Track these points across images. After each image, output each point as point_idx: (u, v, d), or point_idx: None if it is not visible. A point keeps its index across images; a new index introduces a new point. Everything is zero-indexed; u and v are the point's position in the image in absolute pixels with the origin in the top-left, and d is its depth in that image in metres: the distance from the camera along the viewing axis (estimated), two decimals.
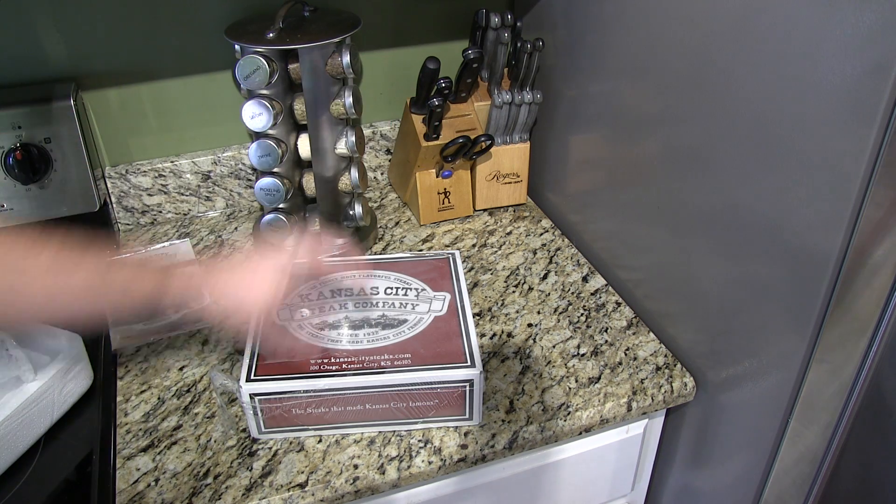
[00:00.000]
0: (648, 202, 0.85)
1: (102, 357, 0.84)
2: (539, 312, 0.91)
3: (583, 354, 0.85)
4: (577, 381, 0.81)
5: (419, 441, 0.74)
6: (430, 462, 0.72)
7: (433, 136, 1.00)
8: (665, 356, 0.84)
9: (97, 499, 0.68)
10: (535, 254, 1.02)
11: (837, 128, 0.56)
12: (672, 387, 0.80)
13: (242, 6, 0.99)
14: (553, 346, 0.86)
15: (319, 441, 0.74)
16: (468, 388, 0.72)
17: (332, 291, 0.82)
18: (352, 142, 0.94)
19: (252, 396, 0.70)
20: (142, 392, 0.80)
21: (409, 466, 0.71)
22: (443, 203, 1.08)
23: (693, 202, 0.76)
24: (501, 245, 1.05)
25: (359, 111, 0.91)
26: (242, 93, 0.96)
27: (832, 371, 0.65)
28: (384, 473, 0.71)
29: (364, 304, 0.80)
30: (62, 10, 0.93)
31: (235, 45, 0.87)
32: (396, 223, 1.10)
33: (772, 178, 0.64)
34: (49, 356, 0.77)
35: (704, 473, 0.85)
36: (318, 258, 0.73)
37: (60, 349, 0.77)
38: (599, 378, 0.81)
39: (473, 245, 1.05)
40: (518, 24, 1.02)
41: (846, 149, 0.56)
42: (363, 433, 0.74)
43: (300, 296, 0.81)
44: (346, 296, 0.81)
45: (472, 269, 0.99)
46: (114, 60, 0.99)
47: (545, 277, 0.98)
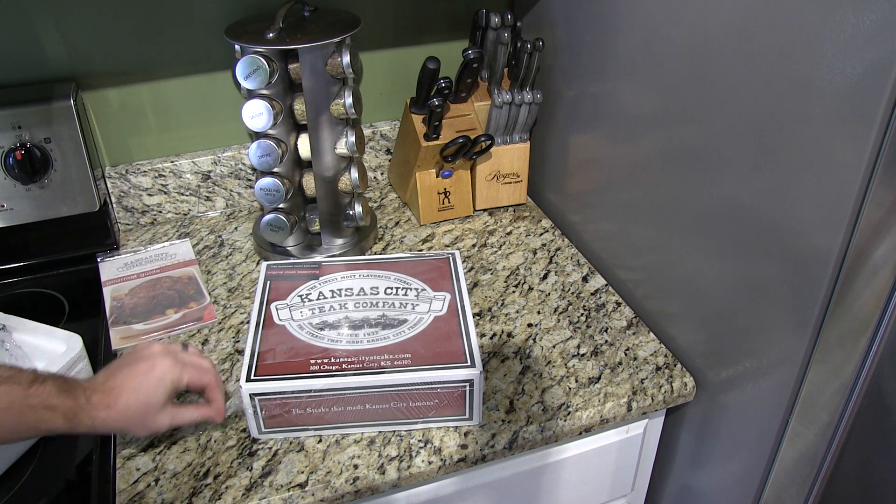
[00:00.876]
0: (648, 202, 0.85)
1: (102, 357, 0.84)
2: (539, 312, 0.91)
3: (583, 354, 0.85)
4: (577, 381, 0.81)
5: (419, 441, 0.74)
6: (430, 462, 0.72)
7: (433, 136, 1.00)
8: (665, 356, 0.84)
9: (97, 499, 0.68)
10: (535, 254, 1.02)
11: (837, 128, 0.56)
12: (672, 387, 0.80)
13: (242, 6, 0.99)
14: (553, 346, 0.86)
15: (319, 441, 0.74)
16: (468, 388, 0.72)
17: (332, 291, 0.82)
18: (352, 142, 0.94)
19: (252, 396, 0.70)
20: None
21: (409, 466, 0.71)
22: (443, 203, 1.08)
23: (693, 202, 0.76)
24: (501, 245, 1.05)
25: (359, 111, 0.91)
26: (242, 93, 0.96)
27: (832, 371, 0.65)
28: (384, 473, 0.71)
29: (364, 304, 0.80)
30: (62, 10, 0.93)
31: (235, 45, 0.87)
32: (396, 223, 1.10)
33: (772, 178, 0.64)
34: (49, 356, 0.77)
35: (704, 473, 0.85)
36: None
37: (60, 349, 0.77)
38: (599, 378, 0.81)
39: (473, 245, 1.05)
40: (518, 24, 1.02)
41: (846, 149, 0.56)
42: (363, 433, 0.74)
43: (300, 296, 0.81)
44: (346, 296, 0.81)
45: (472, 269, 0.99)
46: (114, 60, 0.99)
47: (545, 277, 0.98)
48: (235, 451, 0.73)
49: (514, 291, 0.95)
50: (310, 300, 0.80)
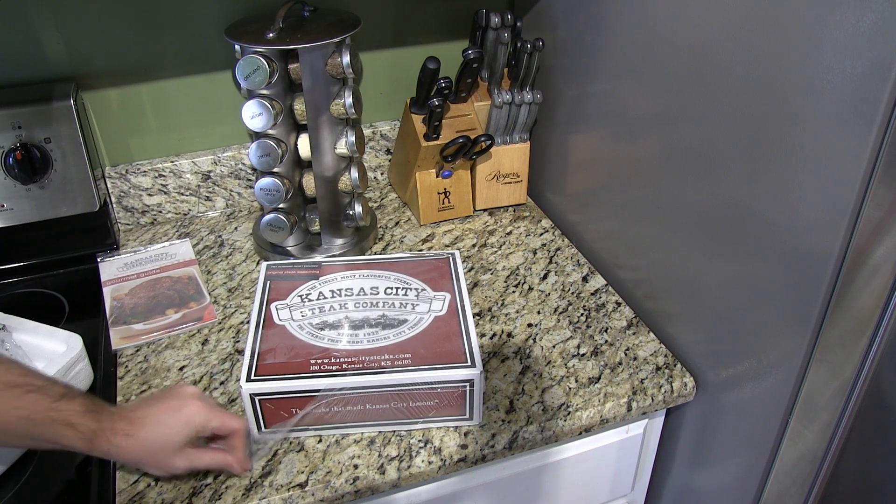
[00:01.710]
0: (648, 202, 0.85)
1: (102, 357, 0.84)
2: (539, 312, 0.91)
3: (583, 354, 0.85)
4: (577, 381, 0.81)
5: (419, 441, 0.74)
6: (430, 462, 0.72)
7: (433, 136, 1.00)
8: (665, 356, 0.84)
9: (97, 499, 0.68)
10: (535, 254, 1.02)
11: (837, 127, 0.56)
12: (672, 387, 0.80)
13: (242, 6, 0.99)
14: (553, 346, 0.86)
15: (319, 441, 0.74)
16: (468, 388, 0.72)
17: (332, 291, 0.82)
18: (352, 142, 0.94)
19: (252, 396, 0.70)
20: (142, 392, 0.80)
21: (409, 466, 0.71)
22: (443, 203, 1.08)
23: (693, 202, 0.76)
24: (501, 245, 1.05)
25: (359, 111, 0.91)
26: (242, 93, 0.96)
27: (832, 371, 0.65)
28: (384, 473, 0.71)
29: (364, 304, 0.80)
30: (62, 10, 0.93)
31: (235, 45, 0.87)
32: (396, 223, 1.10)
33: (772, 178, 0.64)
34: (49, 356, 0.77)
35: (704, 473, 0.85)
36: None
37: (60, 349, 0.77)
38: (599, 378, 0.81)
39: (473, 245, 1.05)
40: (518, 24, 1.02)
41: (846, 149, 0.56)
42: (363, 433, 0.74)
43: (300, 296, 0.81)
44: (346, 296, 0.81)
45: (472, 269, 0.99)
46: (114, 60, 0.99)
47: (545, 277, 0.98)
48: None
49: (514, 291, 0.95)
50: (310, 300, 0.80)
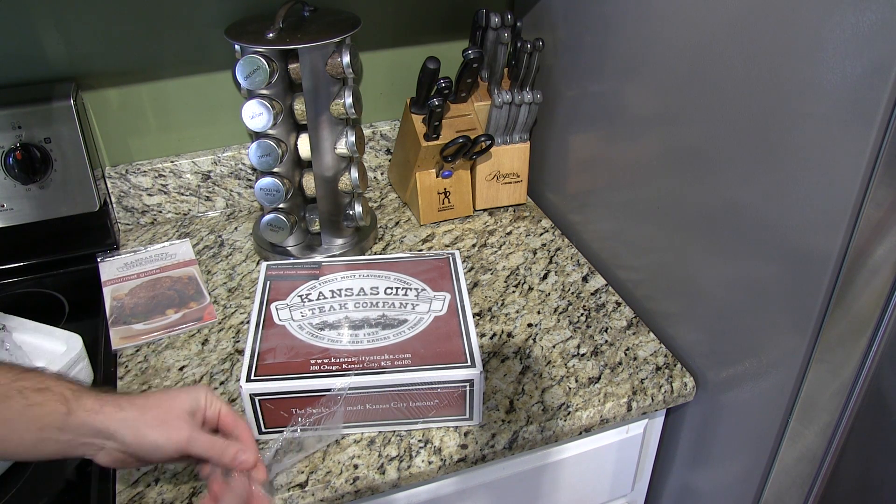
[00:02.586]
0: (648, 202, 0.85)
1: (102, 357, 0.84)
2: (539, 312, 0.91)
3: (583, 354, 0.85)
4: (577, 381, 0.81)
5: (419, 441, 0.74)
6: (430, 462, 0.72)
7: (433, 136, 1.00)
8: (665, 356, 0.84)
9: (97, 499, 0.68)
10: (535, 254, 1.02)
11: (837, 128, 0.56)
12: (672, 387, 0.80)
13: (242, 6, 0.99)
14: (553, 346, 0.86)
15: (319, 441, 0.73)
16: (468, 388, 0.72)
17: (332, 291, 0.82)
18: (352, 142, 0.94)
19: (252, 396, 0.70)
20: (142, 392, 0.80)
21: (409, 466, 0.71)
22: (443, 203, 1.08)
23: (693, 202, 0.76)
24: (501, 245, 1.05)
25: (359, 111, 0.91)
26: (242, 93, 0.96)
27: (832, 371, 0.65)
28: (384, 473, 0.71)
29: (364, 304, 0.80)
30: (62, 10, 0.93)
31: (235, 45, 0.87)
32: (396, 223, 1.10)
33: (772, 178, 0.64)
34: (49, 356, 0.77)
35: (704, 473, 0.85)
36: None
37: (60, 349, 0.77)
38: (599, 378, 0.81)
39: (473, 245, 1.05)
40: (518, 24, 1.02)
41: (846, 149, 0.56)
42: (363, 433, 0.74)
43: (300, 296, 0.81)
44: (346, 296, 0.81)
45: (472, 269, 0.99)
46: (114, 60, 0.99)
47: (545, 277, 0.98)
48: None
49: (514, 291, 0.95)
50: (310, 300, 0.80)
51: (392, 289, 0.82)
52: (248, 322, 0.78)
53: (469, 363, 0.72)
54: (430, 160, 1.04)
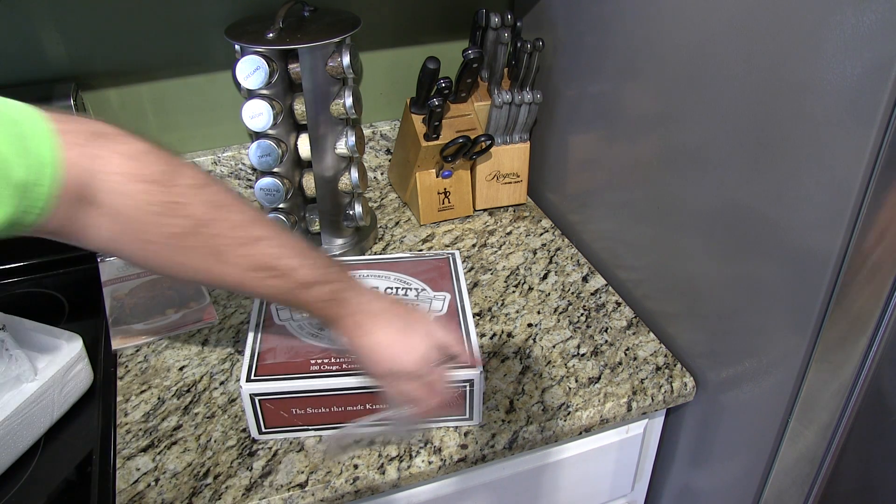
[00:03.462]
0: (648, 202, 0.85)
1: (102, 357, 0.84)
2: (539, 312, 0.91)
3: (583, 354, 0.85)
4: (577, 381, 0.81)
5: (419, 441, 0.74)
6: (430, 462, 0.72)
7: (433, 136, 1.00)
8: (665, 356, 0.84)
9: (97, 499, 0.68)
10: (535, 254, 1.02)
11: (837, 128, 0.56)
12: (672, 387, 0.80)
13: (242, 6, 0.99)
14: (553, 346, 0.86)
15: (319, 441, 0.74)
16: (468, 388, 0.72)
17: None
18: (352, 142, 0.94)
19: (252, 396, 0.70)
20: (142, 392, 0.80)
21: (409, 466, 0.71)
22: (443, 203, 1.08)
23: (693, 202, 0.76)
24: (501, 245, 1.05)
25: (359, 111, 0.91)
26: (242, 93, 0.96)
27: (832, 371, 0.65)
28: (384, 473, 0.71)
29: None
30: (62, 10, 0.93)
31: (235, 45, 0.87)
32: (396, 223, 1.10)
33: (772, 178, 0.64)
34: (49, 356, 0.77)
35: (704, 473, 0.85)
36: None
37: (60, 349, 0.77)
38: (599, 378, 0.81)
39: (473, 245, 1.05)
40: (518, 24, 1.02)
41: (846, 148, 0.56)
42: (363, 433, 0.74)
43: None
44: None
45: (472, 269, 0.99)
46: (114, 60, 0.99)
47: (545, 277, 0.98)
48: (235, 451, 0.73)
49: (514, 291, 0.95)
50: None
51: (392, 289, 0.82)
52: (248, 322, 0.78)
53: (469, 363, 0.72)
54: (430, 160, 1.04)
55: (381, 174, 1.21)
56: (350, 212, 1.00)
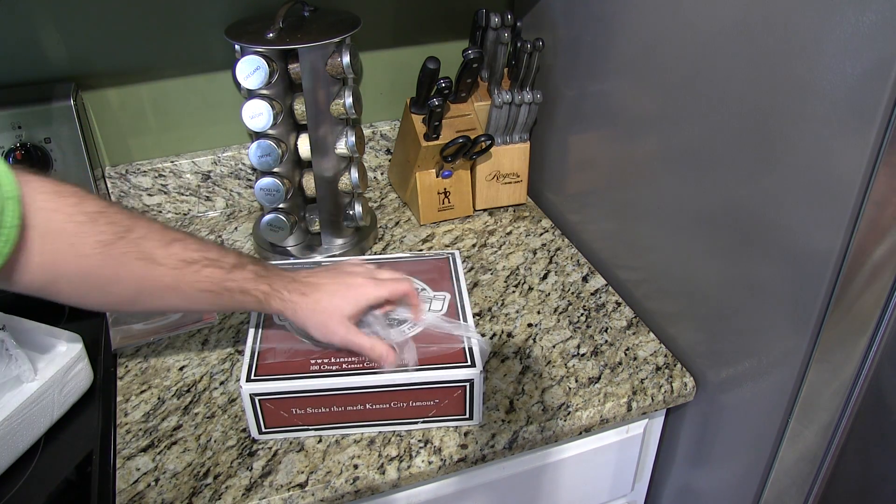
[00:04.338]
0: (648, 202, 0.85)
1: (102, 357, 0.84)
2: (539, 312, 0.91)
3: (583, 354, 0.85)
4: (577, 381, 0.81)
5: (419, 441, 0.74)
6: (430, 462, 0.72)
7: (433, 136, 1.00)
8: (665, 356, 0.84)
9: (97, 499, 0.68)
10: (535, 254, 1.03)
11: (837, 128, 0.56)
12: (672, 387, 0.80)
13: (242, 6, 0.99)
14: (553, 346, 0.86)
15: (319, 441, 0.74)
16: (468, 388, 0.72)
17: None
18: (352, 142, 0.94)
19: (252, 396, 0.70)
20: (142, 392, 0.80)
21: (409, 466, 0.71)
22: (443, 203, 1.08)
23: (693, 202, 0.76)
24: (501, 245, 1.05)
25: (359, 111, 0.91)
26: (242, 93, 0.96)
27: (832, 371, 0.65)
28: (384, 473, 0.71)
29: None
30: (62, 10, 0.93)
31: (235, 45, 0.87)
32: (396, 223, 1.10)
33: (771, 178, 0.64)
34: (49, 356, 0.77)
35: (704, 473, 0.85)
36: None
37: (60, 349, 0.77)
38: (599, 378, 0.81)
39: (473, 245, 1.05)
40: (518, 24, 1.02)
41: (846, 149, 0.56)
42: (363, 433, 0.74)
43: None
44: None
45: (472, 269, 0.99)
46: (114, 60, 0.99)
47: (545, 277, 0.98)
48: (235, 451, 0.73)
49: (514, 291, 0.95)
50: None
51: None
52: (248, 322, 0.78)
53: (469, 363, 0.72)
54: (430, 160, 1.04)
55: (381, 174, 1.21)
56: (350, 212, 1.00)
